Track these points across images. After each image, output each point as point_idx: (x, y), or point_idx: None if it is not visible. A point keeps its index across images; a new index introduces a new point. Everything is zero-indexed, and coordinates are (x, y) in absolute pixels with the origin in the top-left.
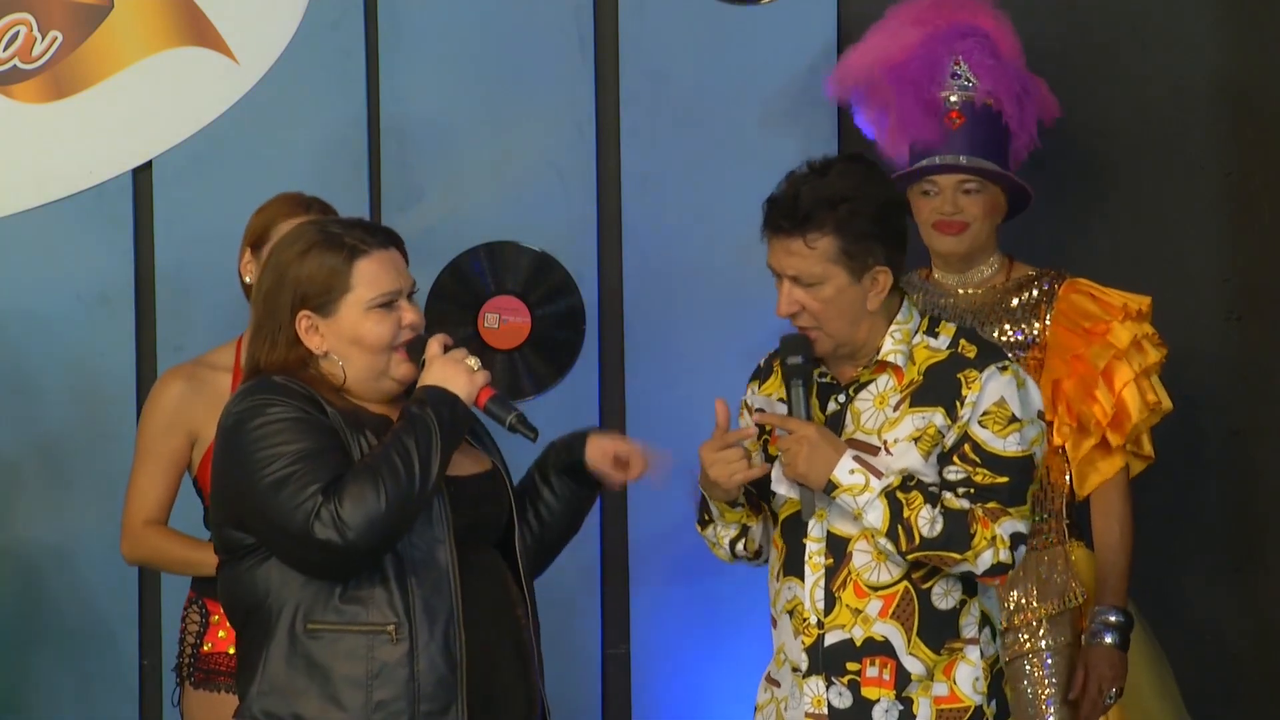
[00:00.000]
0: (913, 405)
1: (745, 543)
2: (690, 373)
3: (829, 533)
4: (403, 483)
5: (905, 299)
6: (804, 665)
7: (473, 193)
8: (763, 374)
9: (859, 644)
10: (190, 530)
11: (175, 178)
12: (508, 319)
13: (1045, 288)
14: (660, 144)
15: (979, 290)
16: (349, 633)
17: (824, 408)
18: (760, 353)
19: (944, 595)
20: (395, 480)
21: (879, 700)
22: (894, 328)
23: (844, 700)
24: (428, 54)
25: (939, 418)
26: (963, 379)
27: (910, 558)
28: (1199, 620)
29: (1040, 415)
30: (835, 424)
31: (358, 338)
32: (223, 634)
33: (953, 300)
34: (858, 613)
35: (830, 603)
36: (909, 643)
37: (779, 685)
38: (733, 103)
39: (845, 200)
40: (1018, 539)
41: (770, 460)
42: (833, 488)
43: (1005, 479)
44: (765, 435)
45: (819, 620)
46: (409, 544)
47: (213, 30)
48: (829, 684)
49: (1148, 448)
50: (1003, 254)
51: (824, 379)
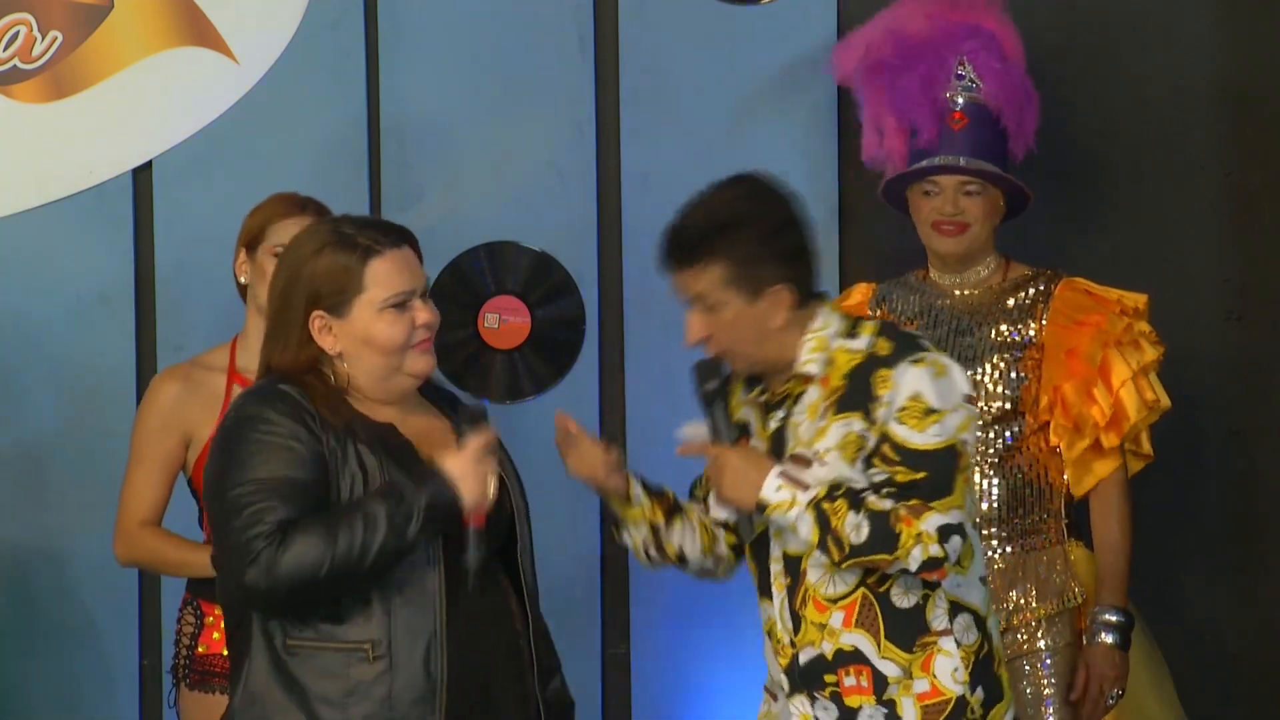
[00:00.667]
0: (837, 413)
1: (656, 548)
2: (690, 373)
3: (784, 553)
4: (352, 559)
5: (822, 305)
6: (786, 685)
7: (473, 193)
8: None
9: (830, 657)
10: (184, 531)
11: (175, 178)
12: (508, 319)
13: (1041, 288)
14: (660, 144)
15: (975, 291)
16: (327, 650)
17: (765, 427)
18: None
19: (903, 594)
20: (348, 552)
21: (861, 708)
22: (808, 337)
23: (829, 713)
24: (428, 54)
25: (857, 423)
26: (875, 380)
27: (844, 566)
28: (1199, 620)
29: (968, 399)
30: (779, 441)
31: (370, 338)
32: (217, 635)
33: (949, 301)
34: (822, 627)
35: (797, 622)
36: (879, 647)
37: (775, 699)
38: (733, 103)
39: (728, 225)
40: (946, 531)
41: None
42: (764, 507)
43: (924, 473)
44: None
45: (791, 639)
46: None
47: (213, 30)
48: (812, 700)
49: (1146, 446)
50: (1000, 254)
51: (763, 397)
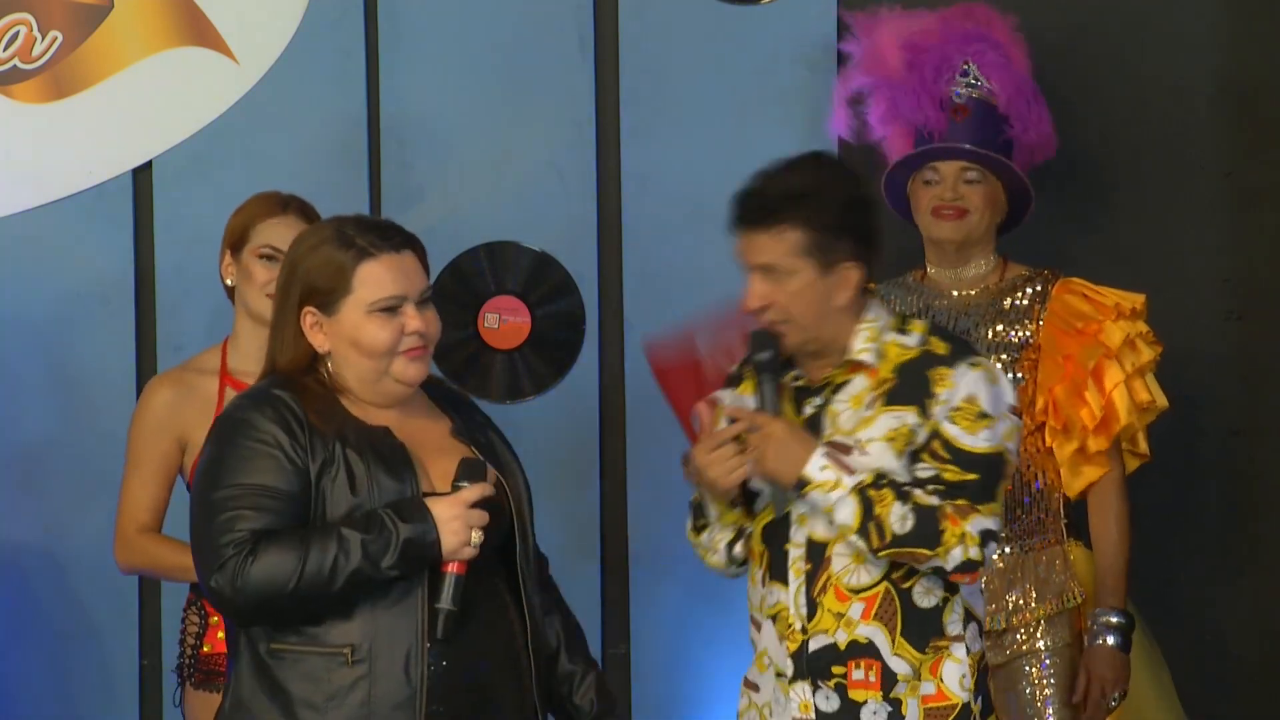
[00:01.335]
0: (887, 404)
1: (742, 545)
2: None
3: (808, 538)
4: (320, 579)
5: (874, 297)
6: (789, 671)
7: (473, 193)
8: (733, 381)
9: (843, 647)
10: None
11: (175, 178)
12: (508, 319)
13: (1039, 288)
14: (660, 144)
15: (973, 291)
16: (309, 654)
17: (800, 412)
18: None
19: (925, 594)
20: (317, 572)
21: (866, 702)
22: (862, 326)
23: (831, 704)
24: (428, 54)
25: (912, 416)
26: (934, 376)
27: (881, 555)
28: (1198, 620)
29: (1014, 411)
30: (812, 428)
31: (356, 340)
32: (222, 635)
33: (946, 301)
34: (840, 616)
35: (813, 608)
36: (893, 643)
37: (757, 690)
38: (732, 103)
39: (813, 194)
40: (987, 536)
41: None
42: (803, 484)
43: (974, 475)
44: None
45: (803, 626)
46: None
47: (213, 30)
48: (815, 688)
49: (1143, 446)
50: (998, 255)
51: (798, 382)
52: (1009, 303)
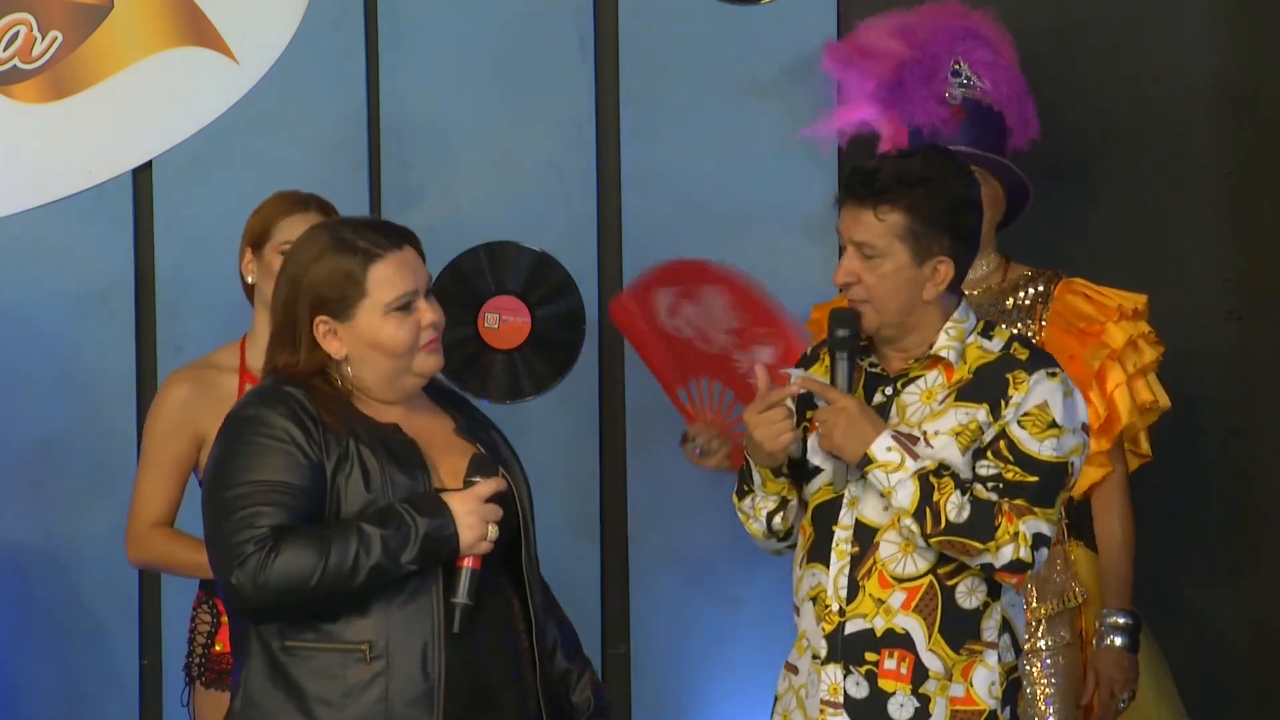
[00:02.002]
0: (958, 400)
1: (782, 517)
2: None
3: (858, 521)
4: (342, 574)
5: (964, 299)
6: (823, 652)
7: (473, 193)
8: (808, 361)
9: (879, 634)
10: (197, 532)
11: (175, 178)
12: (508, 319)
13: (1041, 288)
14: (660, 144)
15: (975, 291)
16: (324, 651)
17: (870, 399)
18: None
19: (968, 594)
20: (339, 566)
21: (895, 694)
22: (950, 324)
23: (861, 690)
24: (428, 54)
25: (982, 414)
26: (1011, 379)
27: (933, 541)
28: (1198, 620)
29: (1084, 428)
30: (880, 415)
31: (377, 342)
32: None
33: None
34: (880, 603)
35: (854, 591)
36: (929, 638)
37: (797, 673)
38: (733, 103)
39: (923, 182)
40: (1040, 540)
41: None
42: (867, 462)
43: (1035, 479)
44: (806, 423)
45: (840, 608)
46: None
47: (213, 30)
48: (847, 672)
49: (1145, 446)
50: (1000, 254)
51: (874, 369)
52: (1011, 303)
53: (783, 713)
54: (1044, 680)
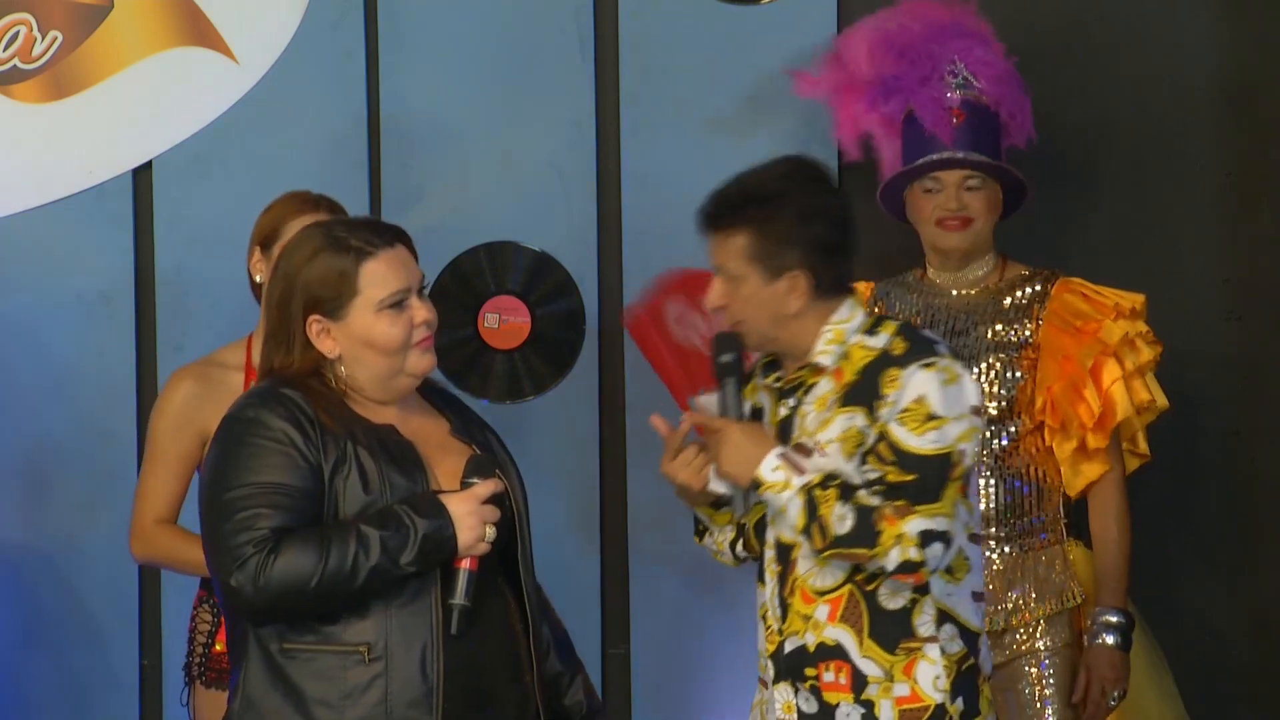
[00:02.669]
0: (843, 405)
1: (743, 544)
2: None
3: (778, 540)
4: (342, 576)
5: (849, 298)
6: (770, 672)
7: (473, 193)
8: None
9: (812, 650)
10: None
11: (175, 178)
12: (508, 319)
13: (1038, 288)
14: (660, 144)
15: (973, 290)
16: (323, 653)
17: (777, 413)
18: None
19: (891, 595)
20: (339, 568)
21: (839, 705)
22: (827, 328)
23: (811, 705)
24: (428, 54)
25: (860, 419)
26: (884, 379)
27: (825, 555)
28: (1197, 620)
29: (975, 410)
30: (786, 428)
31: (370, 340)
32: None
33: (946, 300)
34: (807, 619)
35: (784, 610)
36: (861, 645)
37: (767, 687)
38: (733, 103)
39: (764, 200)
40: (928, 537)
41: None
42: (758, 485)
43: (913, 476)
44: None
45: (779, 627)
46: None
47: (213, 30)
48: (795, 690)
49: (1143, 446)
50: (998, 254)
51: (778, 384)
52: (1008, 302)
53: None
54: (1043, 680)
